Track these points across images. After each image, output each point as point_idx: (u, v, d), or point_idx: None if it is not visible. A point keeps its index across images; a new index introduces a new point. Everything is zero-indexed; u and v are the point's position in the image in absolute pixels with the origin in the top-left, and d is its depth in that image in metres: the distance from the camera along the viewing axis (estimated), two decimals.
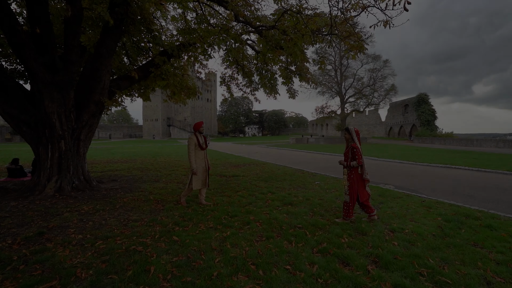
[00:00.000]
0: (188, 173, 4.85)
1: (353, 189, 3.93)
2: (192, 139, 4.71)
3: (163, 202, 4.97)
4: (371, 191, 6.00)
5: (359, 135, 4.04)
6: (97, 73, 6.28)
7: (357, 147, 3.91)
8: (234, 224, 3.74)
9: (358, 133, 4.05)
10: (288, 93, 9.24)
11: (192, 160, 4.62)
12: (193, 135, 4.77)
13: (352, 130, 4.03)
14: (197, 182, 4.70)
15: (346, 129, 4.09)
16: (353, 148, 3.92)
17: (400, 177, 8.41)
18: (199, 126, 4.89)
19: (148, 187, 6.43)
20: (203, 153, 4.83)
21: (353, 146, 3.93)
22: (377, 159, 14.71)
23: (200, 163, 4.75)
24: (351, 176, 3.97)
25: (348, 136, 4.06)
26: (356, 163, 3.88)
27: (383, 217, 4.12)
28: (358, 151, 3.89)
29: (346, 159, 4.07)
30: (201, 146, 4.76)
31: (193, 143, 4.69)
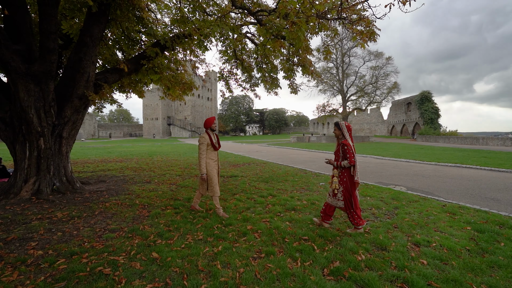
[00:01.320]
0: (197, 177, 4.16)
1: (348, 192, 3.42)
2: (205, 138, 3.94)
3: (149, 207, 4.40)
4: (382, 193, 5.45)
5: (351, 131, 3.50)
6: (80, 63, 5.71)
7: (348, 145, 3.37)
8: (228, 236, 3.16)
9: (350, 128, 3.49)
10: (290, 88, 8.67)
11: (203, 163, 3.87)
12: (205, 134, 4.00)
13: (342, 125, 3.49)
14: (216, 188, 4.00)
15: (336, 124, 3.55)
16: (344, 146, 3.38)
17: (411, 178, 7.83)
18: (211, 122, 4.05)
19: (137, 189, 5.87)
20: (216, 155, 4.10)
21: (344, 143, 3.39)
22: (382, 158, 14.12)
23: (213, 166, 4.03)
24: (344, 179, 3.43)
25: (338, 132, 3.53)
26: (348, 162, 3.34)
27: (402, 226, 3.54)
28: (350, 149, 3.35)
29: (336, 158, 3.54)
30: (214, 146, 4.02)
31: (206, 143, 3.92)
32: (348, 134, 3.46)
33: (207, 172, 3.94)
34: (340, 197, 3.47)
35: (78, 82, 5.75)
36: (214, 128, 4.08)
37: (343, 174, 3.44)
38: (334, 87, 45.21)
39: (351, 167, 3.40)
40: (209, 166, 3.96)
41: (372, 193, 5.46)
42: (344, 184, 3.43)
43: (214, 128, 4.07)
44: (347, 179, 3.41)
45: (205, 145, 3.91)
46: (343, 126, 3.49)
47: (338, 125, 3.53)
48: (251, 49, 9.88)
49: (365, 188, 5.99)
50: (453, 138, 30.16)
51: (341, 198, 3.46)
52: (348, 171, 3.42)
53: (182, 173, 8.65)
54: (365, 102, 44.65)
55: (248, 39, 9.01)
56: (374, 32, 5.11)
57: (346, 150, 3.36)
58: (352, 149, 3.37)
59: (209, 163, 3.96)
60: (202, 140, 3.94)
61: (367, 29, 5.16)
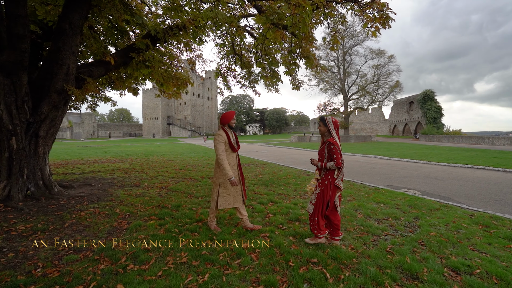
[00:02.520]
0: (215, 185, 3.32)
1: (323, 197, 2.89)
2: (222, 136, 3.18)
3: (130, 217, 3.80)
4: (396, 198, 4.82)
5: (338, 128, 2.95)
6: (58, 54, 5.11)
7: (335, 143, 2.83)
8: (219, 258, 2.56)
9: (337, 125, 2.97)
10: (292, 84, 8.07)
11: (226, 165, 3.10)
12: (221, 131, 3.23)
13: (329, 121, 2.95)
14: (226, 198, 3.22)
15: (321, 119, 3.00)
16: (330, 145, 2.84)
17: (423, 180, 7.21)
18: (229, 118, 3.25)
19: (122, 194, 5.27)
20: (235, 157, 3.34)
21: (330, 141, 2.85)
22: (388, 158, 13.50)
23: (232, 171, 3.25)
24: (326, 182, 2.90)
25: (323, 128, 2.98)
26: (334, 164, 2.80)
27: (430, 242, 2.93)
28: (336, 148, 2.81)
29: (321, 158, 3.00)
30: (233, 147, 3.26)
31: (223, 142, 3.18)
32: (335, 131, 2.93)
33: (222, 180, 3.20)
34: (312, 200, 2.97)
35: (57, 74, 5.15)
36: (233, 125, 3.30)
37: (327, 177, 2.92)
38: (335, 86, 44.56)
39: (336, 170, 2.86)
40: None
41: (385, 199, 4.85)
42: (324, 187, 2.90)
43: (233, 125, 3.28)
44: (329, 183, 2.89)
45: (223, 145, 3.17)
46: (330, 122, 2.94)
47: (323, 121, 2.98)
48: (250, 44, 9.29)
49: (377, 193, 5.38)
50: (457, 138, 29.51)
51: (313, 201, 2.96)
52: (333, 174, 2.88)
53: (176, 175, 8.05)
54: (366, 101, 44.00)
55: (247, 33, 8.41)
56: (388, 16, 4.50)
57: (332, 149, 2.82)
58: (339, 148, 2.84)
59: None
60: (219, 138, 3.17)
61: (381, 13, 4.55)
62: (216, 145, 3.18)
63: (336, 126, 2.94)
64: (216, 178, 3.27)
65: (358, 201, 4.79)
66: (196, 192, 5.52)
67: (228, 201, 3.23)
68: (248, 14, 8.18)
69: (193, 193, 5.47)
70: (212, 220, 3.39)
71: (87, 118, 78.63)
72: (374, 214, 4.00)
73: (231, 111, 3.30)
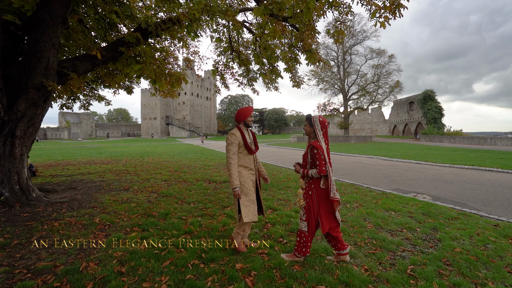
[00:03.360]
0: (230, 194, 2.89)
1: (311, 212, 2.47)
2: (236, 135, 2.69)
3: (110, 228, 3.35)
4: (408, 205, 4.35)
5: (326, 129, 2.53)
6: (37, 46, 4.66)
7: (319, 148, 2.40)
8: (206, 284, 2.11)
9: (325, 125, 2.53)
10: (292, 81, 7.64)
11: (234, 172, 2.61)
12: (236, 130, 2.74)
13: (315, 121, 2.52)
14: (250, 207, 2.69)
15: (307, 119, 2.59)
16: (313, 149, 2.41)
17: (431, 183, 6.78)
18: (246, 114, 2.76)
19: (107, 200, 4.81)
20: (252, 160, 2.81)
21: (313, 145, 2.42)
22: (390, 159, 13.07)
23: (247, 177, 2.74)
24: (309, 192, 2.48)
25: (308, 129, 2.56)
26: (317, 172, 2.37)
27: (457, 261, 2.49)
28: (320, 153, 2.38)
29: (304, 164, 2.58)
30: (249, 148, 2.74)
31: (237, 143, 2.68)
32: (322, 132, 2.49)
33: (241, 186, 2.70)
34: (302, 216, 2.54)
35: (35, 69, 4.69)
36: (250, 124, 2.80)
37: (310, 186, 2.49)
38: (335, 85, 44.19)
39: (321, 178, 2.43)
40: (242, 177, 2.70)
41: (395, 206, 4.41)
42: (309, 199, 2.47)
43: (249, 123, 2.79)
44: (313, 193, 2.46)
45: (235, 146, 2.65)
46: (316, 122, 2.50)
47: (309, 120, 2.54)
48: (249, 40, 8.86)
49: (385, 199, 4.94)
50: (459, 138, 29.15)
51: (303, 218, 2.52)
52: (317, 183, 2.45)
53: (170, 177, 7.59)
54: (366, 101, 43.65)
55: (245, 28, 7.98)
56: (400, 4, 4.06)
57: (315, 154, 2.39)
58: (323, 153, 2.39)
59: (240, 173, 2.70)
60: (231, 138, 2.66)
61: (391, 2, 4.11)
62: (227, 147, 2.67)
63: (323, 127, 2.50)
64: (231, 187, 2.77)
65: (366, 208, 4.35)
66: (189, 197, 5.07)
67: (253, 211, 2.69)
68: (246, 8, 7.74)
69: (185, 198, 5.02)
70: (237, 236, 2.80)
71: (85, 118, 78.05)
72: (385, 224, 3.56)
73: (249, 106, 2.76)
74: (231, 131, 2.73)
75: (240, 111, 2.78)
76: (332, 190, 2.41)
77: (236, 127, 2.80)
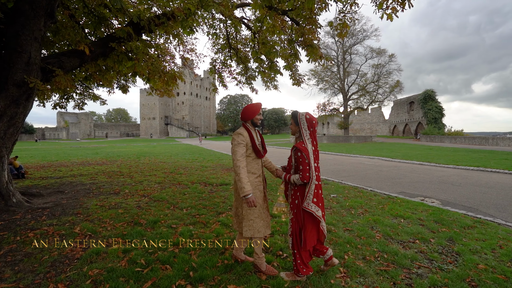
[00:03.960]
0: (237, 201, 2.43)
1: (298, 223, 2.16)
2: (242, 135, 2.27)
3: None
4: (417, 210, 3.94)
5: (313, 128, 2.18)
6: (17, 40, 4.32)
7: (303, 150, 2.09)
8: None
9: (312, 123, 2.18)
10: (292, 79, 7.31)
11: (244, 177, 2.14)
12: (242, 129, 2.33)
13: (302, 119, 2.19)
14: (254, 222, 2.27)
15: (293, 116, 2.26)
16: (297, 151, 2.11)
17: (438, 186, 6.46)
18: (254, 111, 2.33)
19: (93, 206, 4.47)
20: (260, 165, 2.42)
21: (297, 147, 2.12)
22: (392, 160, 12.76)
23: (255, 185, 2.32)
24: (296, 202, 2.16)
25: (294, 128, 2.26)
26: (300, 178, 2.07)
27: (484, 282, 2.16)
28: (304, 157, 2.08)
29: (288, 168, 2.29)
30: (258, 151, 2.35)
31: (244, 144, 2.26)
32: (309, 132, 2.16)
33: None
34: (289, 230, 2.24)
35: (15, 64, 4.36)
36: (258, 122, 2.39)
37: (295, 194, 2.17)
38: (335, 85, 43.92)
39: (307, 186, 2.10)
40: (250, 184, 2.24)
41: (403, 212, 4.08)
42: (297, 210, 2.15)
43: (258, 121, 2.37)
44: (300, 203, 2.13)
45: (243, 147, 2.23)
46: (302, 120, 2.18)
47: (295, 118, 2.22)
48: (247, 37, 8.54)
49: (392, 204, 4.62)
50: (460, 138, 28.88)
51: (289, 231, 2.22)
52: (303, 191, 2.13)
53: (164, 179, 7.26)
54: (366, 101, 43.38)
55: (243, 24, 7.66)
56: None
57: (299, 158, 2.08)
58: (308, 157, 2.07)
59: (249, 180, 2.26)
60: (238, 139, 2.24)
61: None
62: (234, 148, 2.23)
63: (311, 126, 2.16)
64: (237, 193, 2.35)
65: (372, 214, 4.03)
66: (182, 202, 4.74)
67: (256, 227, 2.25)
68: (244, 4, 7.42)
69: (178, 203, 4.69)
70: (240, 254, 2.52)
71: (84, 118, 77.63)
72: (395, 233, 3.23)
73: (257, 103, 2.38)
74: (237, 131, 2.30)
75: (248, 108, 2.34)
76: (307, 199, 2.07)
77: (243, 126, 2.35)
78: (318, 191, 2.12)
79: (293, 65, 6.99)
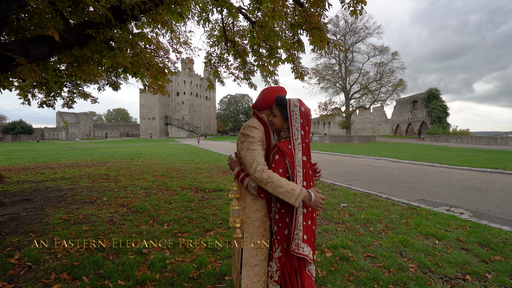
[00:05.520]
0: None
1: (291, 264, 1.38)
2: (258, 130, 1.44)
3: (26, 276, 2.24)
4: (450, 227, 3.03)
5: (307, 124, 1.44)
6: None
7: (287, 153, 1.38)
8: None
9: (309, 118, 1.46)
10: (294, 73, 6.53)
11: (278, 177, 1.31)
12: (255, 121, 1.48)
13: (294, 110, 1.43)
14: (257, 272, 1.44)
15: (278, 102, 1.46)
16: (278, 153, 1.39)
17: (461, 192, 5.67)
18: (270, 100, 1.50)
19: (56, 220, 3.71)
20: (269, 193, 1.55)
21: (280, 146, 1.39)
22: (401, 161, 11.95)
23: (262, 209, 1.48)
24: (285, 231, 1.40)
25: (279, 122, 1.47)
26: (255, 189, 1.40)
27: None
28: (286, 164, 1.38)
29: None
30: None
31: (261, 142, 1.44)
32: (301, 134, 1.41)
33: (253, 225, 1.46)
34: (272, 274, 1.41)
35: None
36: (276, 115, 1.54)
37: (283, 219, 1.40)
38: (337, 84, 43.14)
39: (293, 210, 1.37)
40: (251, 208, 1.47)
41: (434, 229, 3.30)
42: (287, 244, 1.39)
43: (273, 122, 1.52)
44: (289, 236, 1.38)
45: (259, 147, 1.40)
46: (295, 113, 1.43)
47: (282, 107, 1.45)
48: (245, 28, 7.77)
49: (416, 216, 3.83)
50: (466, 138, 28.01)
51: (275, 276, 1.39)
52: (289, 210, 1.39)
53: (152, 184, 6.49)
54: (369, 100, 42.57)
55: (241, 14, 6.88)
56: None
57: (277, 162, 1.38)
58: (292, 167, 1.37)
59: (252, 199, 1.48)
60: (252, 133, 1.42)
61: None
62: (245, 150, 1.40)
63: (306, 123, 1.42)
64: (245, 218, 1.48)
65: (396, 231, 3.24)
66: (165, 214, 3.97)
67: (259, 275, 1.44)
68: None
69: (160, 215, 3.93)
70: None
71: (83, 118, 77.08)
72: (434, 264, 2.45)
73: (278, 86, 1.57)
74: (249, 123, 1.46)
75: (270, 91, 1.52)
76: (296, 238, 1.31)
77: (256, 118, 1.51)
78: (307, 222, 1.36)
79: (295, 57, 6.24)
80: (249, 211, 1.46)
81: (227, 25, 7.41)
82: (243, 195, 1.49)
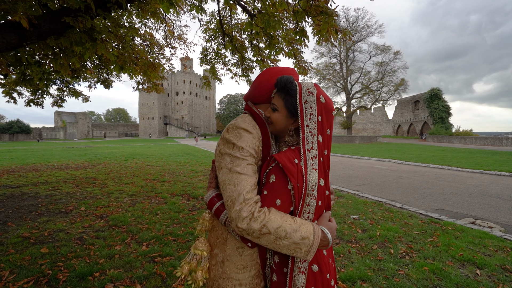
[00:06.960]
0: None
1: None
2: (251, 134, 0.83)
3: None
4: (487, 248, 2.44)
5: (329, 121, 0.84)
6: None
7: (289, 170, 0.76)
8: None
9: (327, 111, 0.84)
10: (297, 68, 5.95)
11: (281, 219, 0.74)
12: (249, 120, 0.87)
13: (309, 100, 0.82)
14: None
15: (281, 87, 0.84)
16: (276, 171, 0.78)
17: (482, 200, 5.08)
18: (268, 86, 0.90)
19: (14, 238, 3.12)
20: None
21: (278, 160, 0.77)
22: (407, 163, 11.36)
23: (249, 265, 0.88)
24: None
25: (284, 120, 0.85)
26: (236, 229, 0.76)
27: None
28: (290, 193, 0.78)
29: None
30: None
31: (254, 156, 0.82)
32: (320, 138, 0.82)
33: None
34: None
35: None
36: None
37: (281, 277, 0.83)
38: (338, 84, 42.58)
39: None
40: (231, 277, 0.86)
41: (469, 251, 2.71)
42: None
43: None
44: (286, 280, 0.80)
45: (251, 164, 0.79)
46: (311, 104, 0.82)
47: (284, 91, 0.84)
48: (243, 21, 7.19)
49: (443, 234, 3.24)
50: (470, 139, 27.43)
51: None
52: (284, 265, 0.83)
53: (140, 190, 5.91)
54: (370, 100, 42.04)
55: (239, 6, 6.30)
56: None
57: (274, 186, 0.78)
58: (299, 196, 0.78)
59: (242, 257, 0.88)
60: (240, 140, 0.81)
61: None
62: (225, 177, 0.79)
63: (327, 121, 0.84)
64: (221, 280, 0.88)
65: (423, 255, 2.66)
66: (146, 230, 3.38)
67: None
68: None
69: (141, 231, 3.34)
70: None
71: (82, 118, 76.47)
72: None
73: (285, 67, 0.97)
74: (237, 122, 0.85)
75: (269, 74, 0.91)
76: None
77: (250, 114, 0.91)
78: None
79: (298, 51, 5.68)
80: (230, 268, 0.86)
81: (224, 18, 6.84)
82: (220, 237, 0.90)
